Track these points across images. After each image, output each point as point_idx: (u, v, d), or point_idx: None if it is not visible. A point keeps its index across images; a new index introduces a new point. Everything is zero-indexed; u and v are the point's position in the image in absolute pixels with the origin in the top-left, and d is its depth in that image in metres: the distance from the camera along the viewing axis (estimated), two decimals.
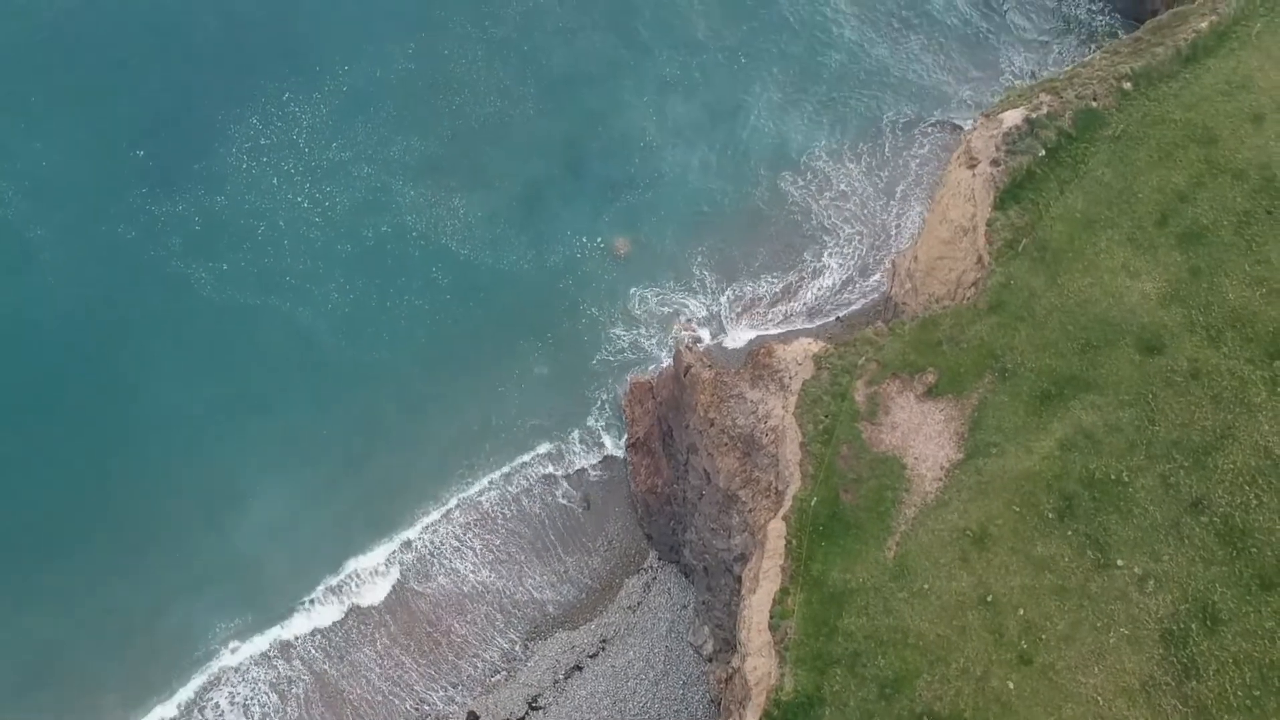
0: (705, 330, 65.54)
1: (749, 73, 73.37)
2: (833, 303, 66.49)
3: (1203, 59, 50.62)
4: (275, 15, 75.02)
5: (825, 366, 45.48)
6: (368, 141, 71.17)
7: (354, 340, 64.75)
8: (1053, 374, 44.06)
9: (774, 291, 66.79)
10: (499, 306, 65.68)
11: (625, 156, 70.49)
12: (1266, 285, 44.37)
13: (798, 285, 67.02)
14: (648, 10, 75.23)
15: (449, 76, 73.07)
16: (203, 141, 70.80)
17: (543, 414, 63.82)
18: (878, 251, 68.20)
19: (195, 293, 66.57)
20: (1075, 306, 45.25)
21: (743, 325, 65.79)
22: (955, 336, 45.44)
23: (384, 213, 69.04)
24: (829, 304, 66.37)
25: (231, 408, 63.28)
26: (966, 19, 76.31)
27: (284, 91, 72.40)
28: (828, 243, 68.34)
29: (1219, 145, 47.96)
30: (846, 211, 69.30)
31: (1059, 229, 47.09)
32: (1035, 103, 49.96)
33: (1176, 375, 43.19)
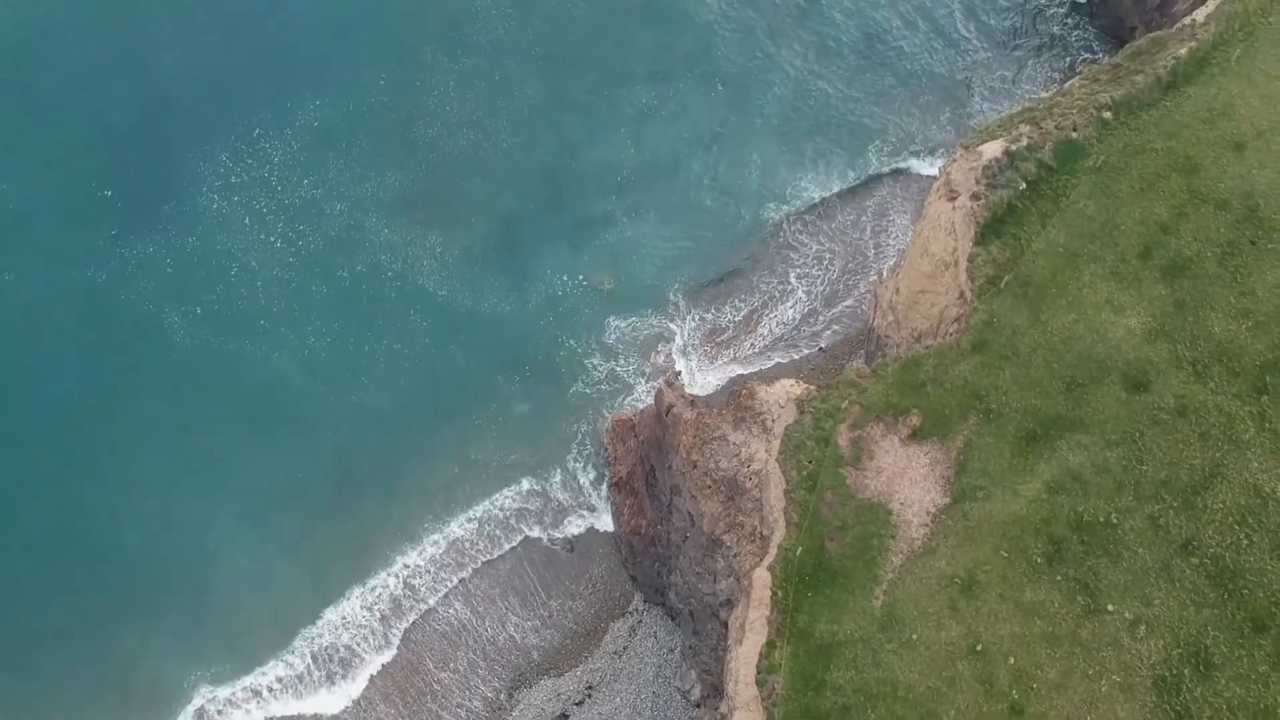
0: (687, 364, 65.23)
1: (727, 101, 73.24)
2: (816, 332, 66.18)
3: (1183, 86, 50.52)
4: (245, 49, 74.46)
5: (808, 410, 45.19)
6: (341, 178, 70.71)
7: (330, 384, 64.25)
8: (1038, 414, 43.83)
9: (757, 322, 66.49)
10: (477, 347, 65.29)
11: (603, 189, 70.22)
12: (1252, 317, 44.22)
13: (781, 315, 66.73)
14: (619, 38, 74.99)
15: (422, 108, 72.75)
16: (173, 181, 70.25)
17: (524, 454, 63.47)
18: (856, 276, 68.03)
19: (167, 337, 65.96)
20: (1059, 344, 45.04)
21: (725, 358, 65.53)
22: (939, 377, 45.19)
23: (359, 251, 68.61)
24: (812, 333, 66.08)
25: (205, 455, 62.66)
26: (946, 44, 76.26)
27: (255, 128, 71.93)
28: (810, 273, 68.14)
29: (1201, 174, 47.84)
30: (830, 242, 69.11)
31: (1041, 264, 46.91)
32: (1015, 134, 49.83)
33: (1163, 413, 42.97)
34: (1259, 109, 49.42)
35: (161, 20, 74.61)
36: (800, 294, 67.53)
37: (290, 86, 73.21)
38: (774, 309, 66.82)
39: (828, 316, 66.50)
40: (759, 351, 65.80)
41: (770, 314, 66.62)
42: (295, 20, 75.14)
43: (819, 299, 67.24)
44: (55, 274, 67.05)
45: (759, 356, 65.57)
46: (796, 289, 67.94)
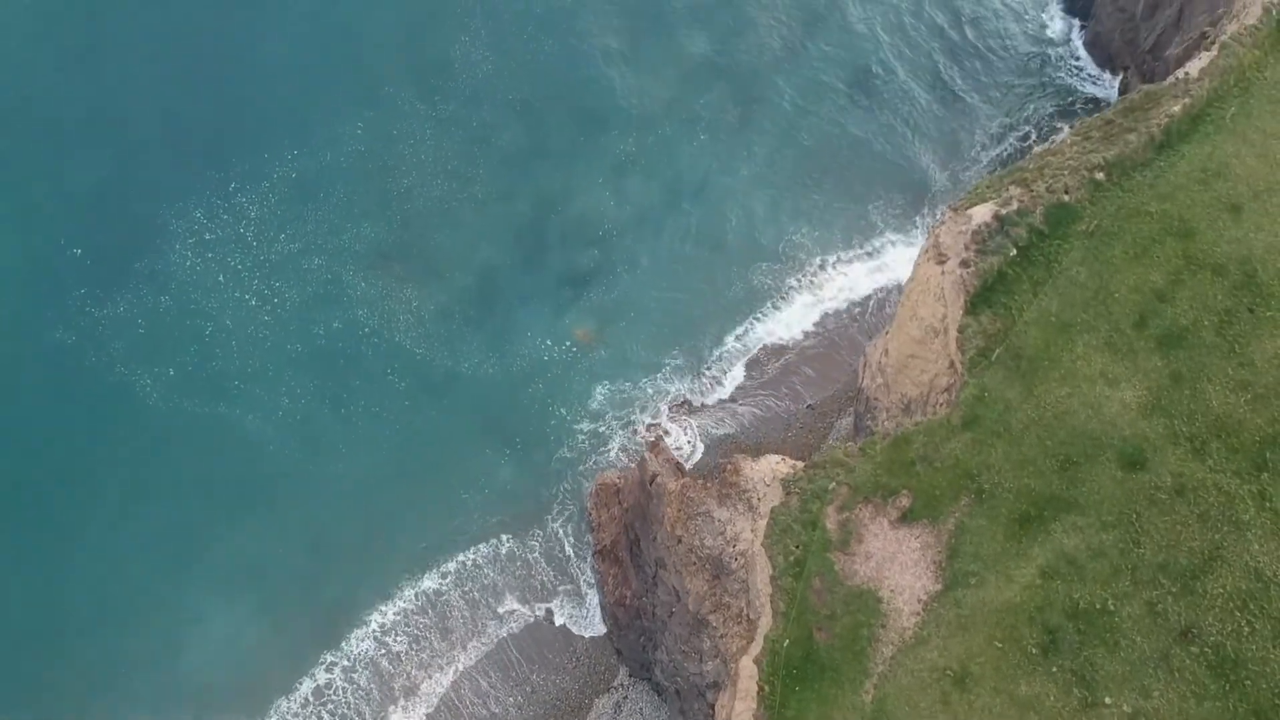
0: (672, 424, 64.42)
1: (709, 148, 72.66)
2: (803, 390, 65.44)
3: (1177, 145, 49.85)
4: (220, 100, 74.00)
5: (794, 491, 44.39)
6: (317, 231, 70.10)
7: (306, 449, 63.57)
8: (1032, 494, 42.99)
9: (743, 378, 65.78)
10: (457, 408, 64.64)
11: (584, 241, 69.66)
12: (1251, 390, 43.42)
13: (767, 373, 66.02)
14: (599, 83, 74.48)
15: (398, 158, 72.23)
16: (145, 238, 69.63)
17: (506, 522, 62.80)
18: (847, 328, 67.39)
19: (139, 401, 65.24)
20: (1053, 419, 44.21)
21: (712, 417, 64.72)
22: (929, 455, 44.38)
23: (335, 307, 67.96)
24: (799, 392, 65.32)
25: (178, 523, 62.06)
26: (936, 87, 75.74)
27: (230, 181, 71.34)
28: (796, 327, 67.42)
29: (1197, 239, 47.10)
30: (816, 292, 68.45)
31: (1033, 335, 46.13)
32: (1005, 197, 49.14)
33: (1161, 492, 42.14)
34: (1255, 169, 48.72)
35: (132, 72, 74.16)
36: (804, 350, 66.84)
37: (266, 137, 72.69)
38: (764, 373, 65.99)
39: (819, 376, 65.64)
40: (746, 409, 64.93)
41: (759, 375, 65.79)
42: (270, 69, 74.64)
43: (811, 359, 66.44)
44: (22, 336, 66.56)
45: (746, 413, 64.68)
46: (793, 345, 67.17)
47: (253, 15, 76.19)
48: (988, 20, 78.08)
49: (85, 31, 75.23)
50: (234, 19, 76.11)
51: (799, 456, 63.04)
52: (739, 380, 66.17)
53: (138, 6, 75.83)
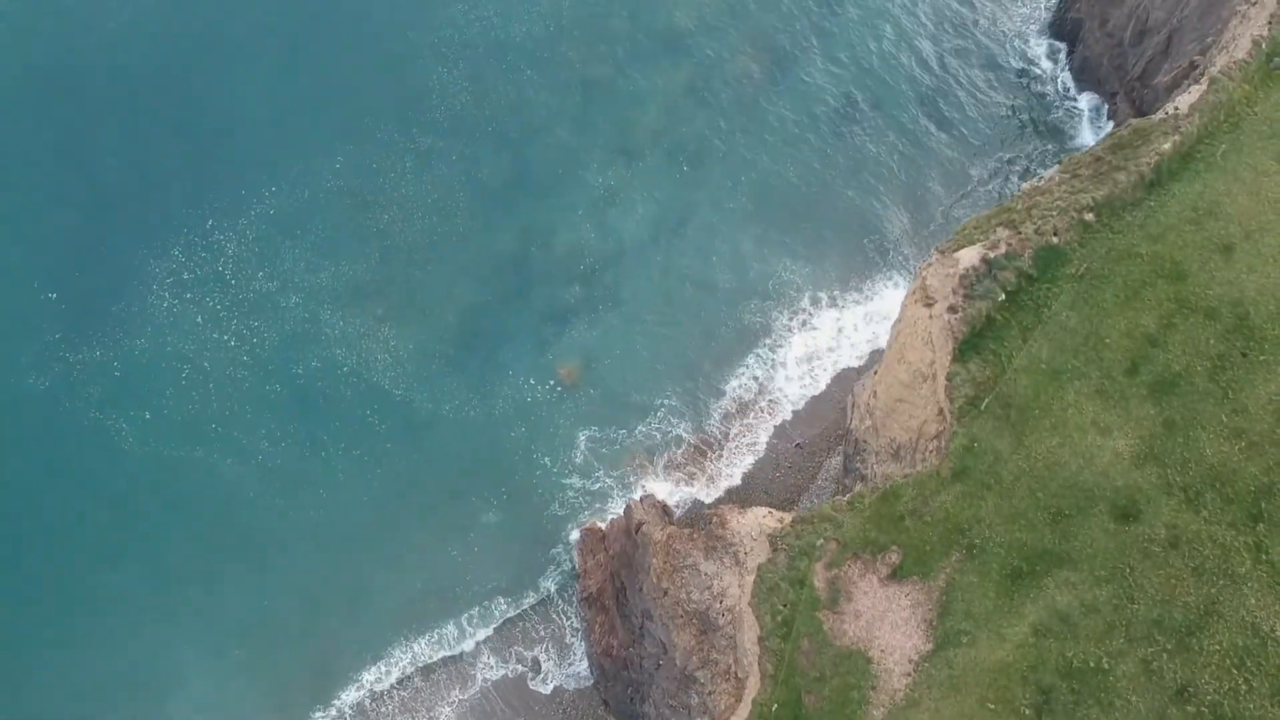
0: (658, 469, 63.74)
1: (693, 180, 71.99)
2: (792, 428, 64.85)
3: (1167, 183, 49.37)
4: (196, 135, 73.08)
5: (782, 548, 43.82)
6: (295, 269, 69.36)
7: (287, 495, 62.75)
8: (1023, 549, 42.49)
9: (733, 425, 65.07)
10: (439, 452, 63.85)
11: (567, 277, 68.87)
12: (1245, 437, 42.92)
13: (755, 411, 65.37)
14: (581, 114, 73.79)
15: (377, 192, 71.47)
16: (121, 279, 68.79)
17: (490, 568, 61.93)
18: (836, 366, 66.84)
19: (116, 446, 64.43)
20: (1044, 470, 43.70)
21: (699, 461, 64.02)
22: (918, 509, 43.86)
23: (314, 346, 67.22)
24: (788, 430, 64.73)
25: (157, 574, 61.22)
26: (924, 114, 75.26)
27: (208, 218, 70.61)
28: (783, 363, 66.80)
29: (1189, 281, 46.61)
30: (805, 332, 67.85)
31: (1023, 382, 45.62)
32: (992, 239, 48.62)
33: (1155, 545, 41.65)
34: (1247, 208, 48.25)
35: (106, 107, 73.27)
36: (778, 393, 66.16)
37: (244, 172, 71.98)
38: (752, 412, 65.34)
39: (807, 413, 65.03)
40: (734, 449, 64.32)
41: (747, 415, 65.16)
42: (246, 103, 73.80)
43: (800, 397, 65.87)
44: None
45: (734, 453, 64.08)
46: (774, 388, 66.51)
47: (228, 49, 75.34)
48: (973, 47, 77.58)
49: (58, 69, 74.34)
50: (209, 53, 75.25)
51: (788, 496, 62.80)
52: (726, 420, 65.36)
53: (110, 42, 74.91)
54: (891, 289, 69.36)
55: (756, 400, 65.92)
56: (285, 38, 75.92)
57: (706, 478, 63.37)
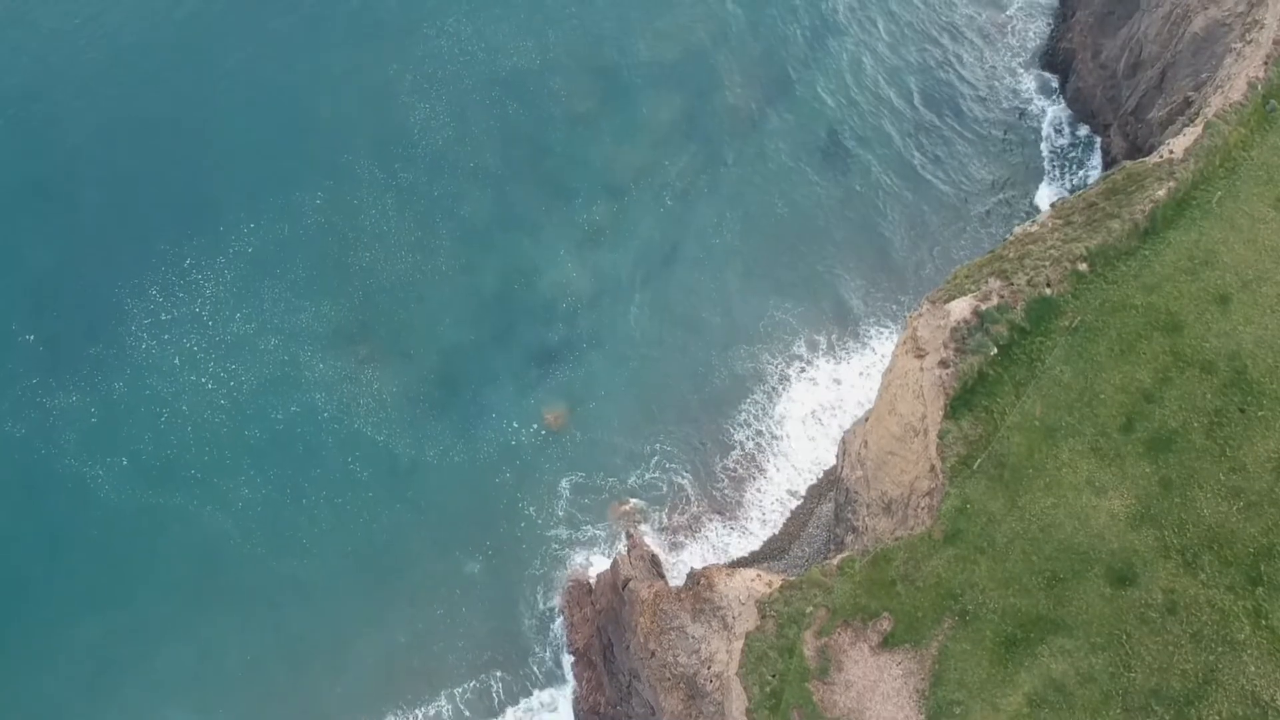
0: (646, 516, 62.87)
1: (679, 217, 71.39)
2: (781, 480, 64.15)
3: (1162, 231, 48.82)
4: (174, 173, 72.51)
5: (770, 615, 43.08)
6: (275, 309, 68.58)
7: (268, 545, 61.77)
8: (1017, 615, 41.81)
9: (720, 466, 64.31)
10: (423, 500, 62.94)
11: (552, 317, 68.17)
12: (1243, 497, 42.38)
13: (745, 463, 64.52)
14: (565, 148, 73.14)
15: (358, 230, 70.76)
16: (98, 320, 68.10)
17: (475, 620, 60.70)
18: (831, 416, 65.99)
19: (92, 494, 63.55)
20: (1038, 533, 43.05)
21: (688, 507, 63.16)
22: (910, 574, 43.15)
23: (294, 390, 66.40)
24: (778, 483, 63.98)
25: (135, 628, 60.05)
26: (915, 146, 74.66)
27: (186, 257, 69.86)
28: (776, 412, 65.97)
29: (1184, 333, 46.04)
30: (800, 376, 67.07)
31: (1017, 441, 44.94)
32: (984, 290, 47.96)
33: (1152, 610, 41.03)
34: (1243, 256, 47.74)
35: (83, 144, 72.62)
36: (770, 442, 65.40)
37: (222, 210, 71.34)
38: (743, 460, 64.48)
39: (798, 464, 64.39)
40: (723, 497, 63.50)
41: (738, 464, 64.34)
42: (225, 139, 73.23)
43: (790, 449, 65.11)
44: None
45: (723, 502, 63.26)
46: (766, 436, 65.73)
47: (206, 85, 74.80)
48: (963, 79, 77.16)
49: (34, 106, 73.65)
50: (187, 89, 74.68)
51: (779, 545, 62.02)
52: (716, 468, 64.42)
53: (87, 79, 74.27)
54: (882, 334, 68.55)
55: (748, 448, 64.97)
56: (264, 72, 75.35)
57: (695, 527, 62.48)
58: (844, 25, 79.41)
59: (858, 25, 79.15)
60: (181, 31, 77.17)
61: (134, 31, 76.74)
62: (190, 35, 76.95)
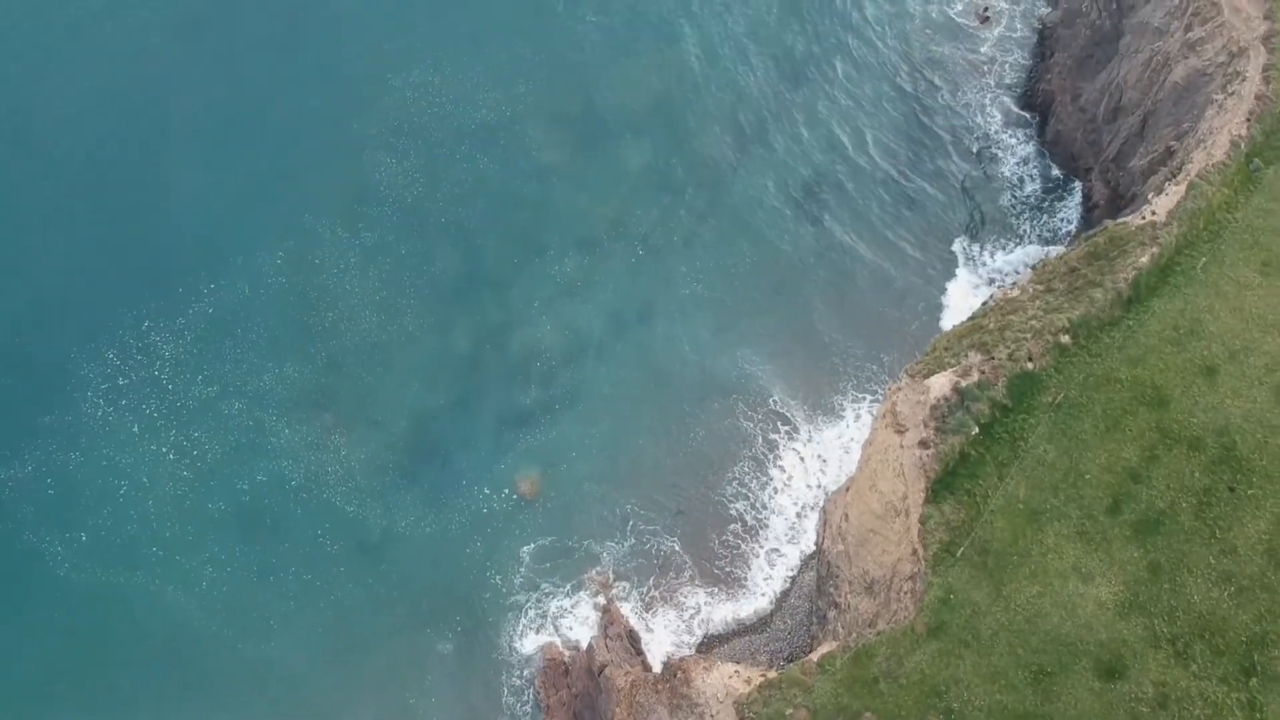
0: (624, 585, 61.75)
1: (650, 267, 70.40)
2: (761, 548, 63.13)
3: (1146, 299, 48.18)
4: (130, 231, 71.24)
5: (749, 717, 42.02)
6: (236, 372, 67.41)
7: (233, 626, 60.42)
8: (1004, 712, 40.89)
9: (697, 536, 63.18)
10: (394, 575, 61.86)
11: (524, 378, 67.14)
12: (1234, 581, 41.61)
13: (723, 534, 63.54)
14: (536, 200, 72.21)
15: (321, 290, 69.66)
16: (53, 387, 66.74)
17: (449, 703, 59.53)
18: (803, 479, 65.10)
19: (49, 571, 62.25)
20: (1024, 624, 42.17)
21: (665, 580, 62.01)
22: (892, 671, 42.19)
23: (259, 459, 65.17)
24: (758, 550, 62.94)
25: (92, 716, 58.55)
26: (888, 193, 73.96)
27: (143, 320, 68.64)
28: (747, 470, 65.07)
29: (1171, 408, 45.33)
30: (769, 424, 66.14)
31: (1000, 526, 44.09)
32: (964, 365, 47.14)
33: (1142, 705, 40.19)
34: (1230, 325, 47.08)
35: (30, 204, 71.00)
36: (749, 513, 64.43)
37: (180, 269, 70.28)
38: (721, 531, 63.42)
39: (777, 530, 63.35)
40: (701, 569, 62.44)
41: (712, 528, 63.29)
42: (184, 197, 72.26)
43: (762, 517, 64.07)
44: None
45: (701, 573, 62.22)
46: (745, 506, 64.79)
47: (163, 141, 73.59)
48: (941, 122, 76.73)
49: None
50: (144, 144, 73.44)
51: (760, 620, 60.98)
52: (692, 538, 63.22)
53: (35, 134, 72.82)
54: (857, 402, 67.63)
55: (726, 514, 63.90)
56: (224, 126, 74.22)
57: (673, 596, 61.39)
58: (813, 68, 78.84)
59: (826, 67, 78.55)
60: (136, 84, 75.92)
61: (87, 86, 75.36)
62: (145, 89, 75.65)
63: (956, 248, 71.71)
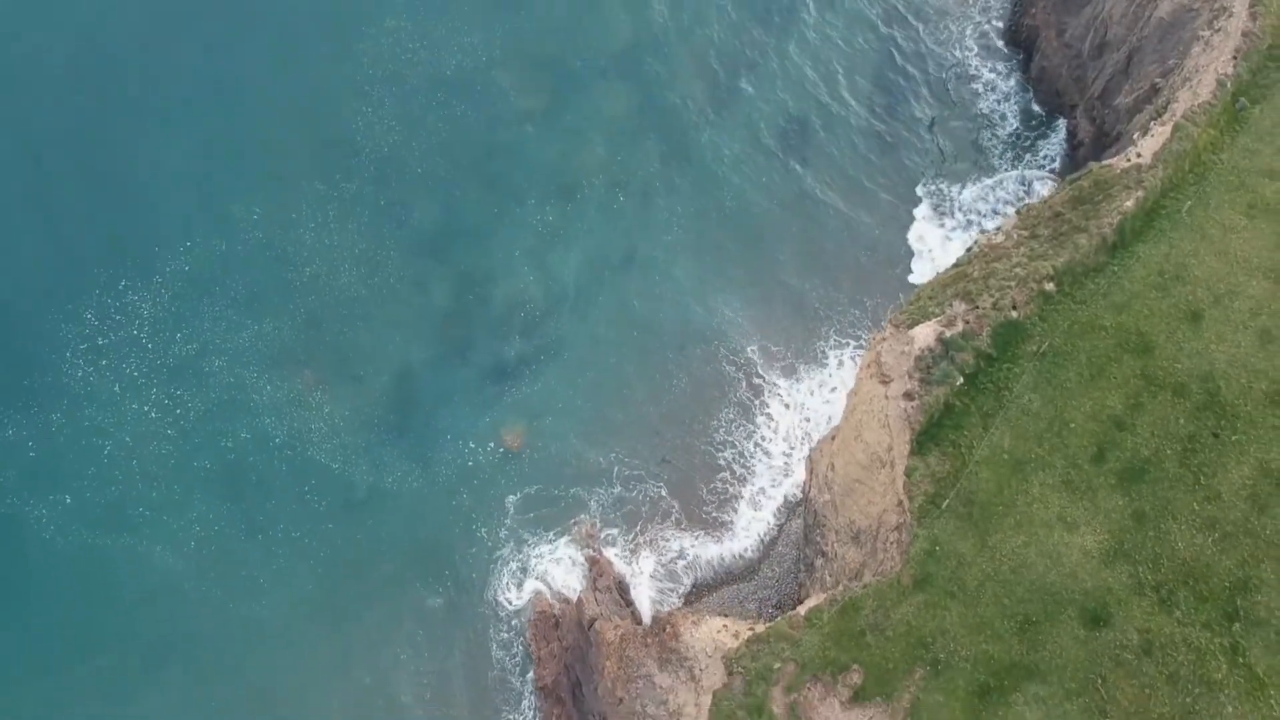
0: (612, 534, 61.93)
1: (634, 216, 69.89)
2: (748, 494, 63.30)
3: (1131, 245, 47.82)
4: (104, 189, 69.96)
5: (737, 671, 42.41)
6: (215, 330, 66.89)
7: (223, 585, 60.61)
8: (990, 662, 41.30)
9: (683, 482, 63.30)
10: (382, 530, 61.96)
11: (507, 328, 66.67)
12: (1218, 528, 41.82)
13: (709, 481, 63.65)
14: (515, 148, 71.20)
15: (299, 244, 68.87)
16: (32, 349, 66.23)
17: (440, 658, 60.13)
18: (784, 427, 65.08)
19: (34, 535, 62.18)
20: (1009, 574, 42.43)
21: (651, 528, 62.23)
22: (879, 623, 42.50)
23: (242, 416, 64.90)
24: (745, 497, 63.13)
25: (83, 677, 58.88)
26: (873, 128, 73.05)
27: (120, 279, 67.88)
28: (732, 416, 65.03)
29: (1155, 354, 45.21)
30: (750, 369, 65.96)
31: (985, 476, 44.16)
32: (949, 315, 46.83)
33: (1127, 651, 40.59)
34: (1214, 269, 46.80)
35: (3, 164, 69.45)
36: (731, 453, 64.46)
37: (157, 227, 69.35)
38: (710, 477, 63.48)
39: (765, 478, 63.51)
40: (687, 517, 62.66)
41: (699, 476, 63.36)
42: (158, 153, 70.85)
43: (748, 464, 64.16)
44: None
45: (687, 522, 62.45)
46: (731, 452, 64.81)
47: (136, 94, 72.05)
48: (924, 59, 75.56)
49: None
50: (116, 100, 71.90)
51: (748, 568, 61.30)
52: (678, 485, 63.35)
53: (7, 91, 71.25)
54: (839, 347, 67.36)
55: (713, 461, 63.98)
56: (196, 80, 72.73)
57: (661, 545, 61.64)
58: (798, 7, 77.39)
59: (800, 5, 77.12)
60: (103, 38, 74.11)
61: (55, 45, 73.52)
62: (112, 42, 73.91)
63: (936, 189, 71.02)
